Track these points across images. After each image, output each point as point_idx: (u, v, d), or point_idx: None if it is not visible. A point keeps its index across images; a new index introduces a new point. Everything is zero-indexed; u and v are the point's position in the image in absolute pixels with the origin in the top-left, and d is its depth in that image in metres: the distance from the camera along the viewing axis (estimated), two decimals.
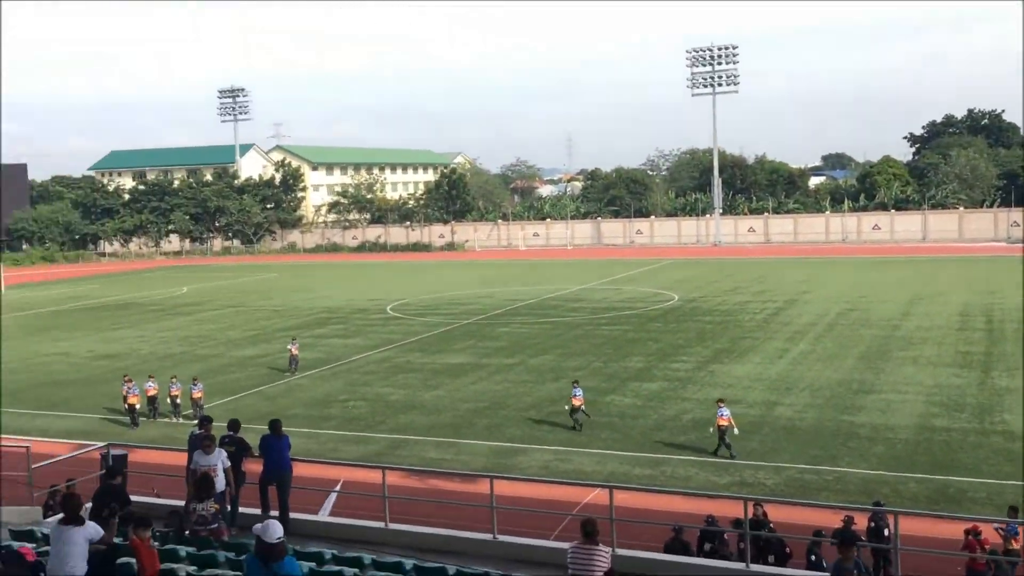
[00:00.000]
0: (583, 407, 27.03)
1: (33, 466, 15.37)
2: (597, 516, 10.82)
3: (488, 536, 13.51)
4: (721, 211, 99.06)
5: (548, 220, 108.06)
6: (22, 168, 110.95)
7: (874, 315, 44.80)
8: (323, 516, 16.22)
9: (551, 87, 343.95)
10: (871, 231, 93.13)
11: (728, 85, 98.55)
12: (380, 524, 14.26)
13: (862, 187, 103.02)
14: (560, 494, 20.35)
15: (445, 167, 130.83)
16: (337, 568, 11.10)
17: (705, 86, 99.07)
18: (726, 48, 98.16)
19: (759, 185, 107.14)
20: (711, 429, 24.51)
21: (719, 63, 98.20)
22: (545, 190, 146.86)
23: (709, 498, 19.30)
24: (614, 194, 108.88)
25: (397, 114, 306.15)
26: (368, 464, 21.55)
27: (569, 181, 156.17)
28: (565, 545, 12.19)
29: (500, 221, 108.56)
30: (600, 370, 34.65)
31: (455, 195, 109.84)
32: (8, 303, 65.15)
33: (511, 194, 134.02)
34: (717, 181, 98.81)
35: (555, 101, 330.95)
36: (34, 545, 10.88)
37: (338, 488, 18.20)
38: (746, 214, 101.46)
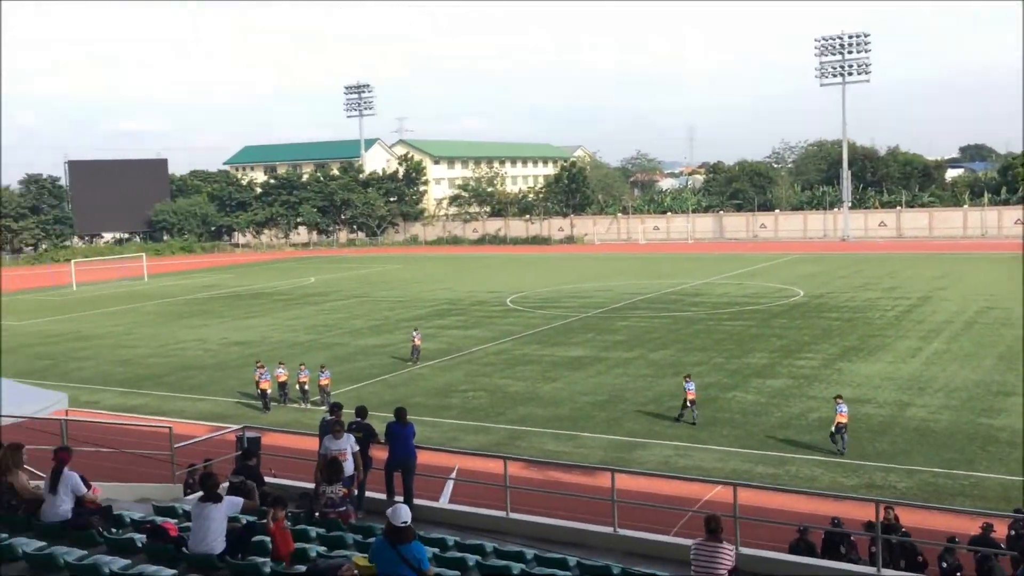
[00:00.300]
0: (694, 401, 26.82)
1: (175, 446, 16.17)
2: (720, 513, 10.66)
3: (609, 529, 13.49)
4: (850, 205, 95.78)
5: (668, 214, 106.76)
6: (163, 163, 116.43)
7: (1016, 314, 42.49)
8: (443, 503, 16.50)
9: (672, 79, 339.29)
10: (1013, 226, 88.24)
11: (859, 74, 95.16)
12: (501, 513, 14.42)
13: (1003, 180, 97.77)
14: (680, 490, 20.11)
15: (565, 161, 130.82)
16: (460, 555, 11.28)
17: (834, 75, 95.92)
18: (857, 36, 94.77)
19: (891, 178, 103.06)
20: (833, 428, 23.78)
21: (849, 51, 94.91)
22: (666, 183, 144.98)
23: (836, 499, 18.75)
24: (737, 187, 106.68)
25: (518, 108, 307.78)
26: (489, 454, 21.81)
27: (690, 174, 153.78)
28: (686, 541, 12.08)
29: (620, 215, 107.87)
30: (722, 366, 34.06)
31: (575, 189, 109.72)
32: (150, 291, 68.68)
33: (631, 188, 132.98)
34: (846, 174, 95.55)
35: (676, 93, 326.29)
36: (176, 521, 11.45)
37: (454, 476, 18.45)
38: (877, 208, 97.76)
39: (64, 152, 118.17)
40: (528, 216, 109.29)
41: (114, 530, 11.09)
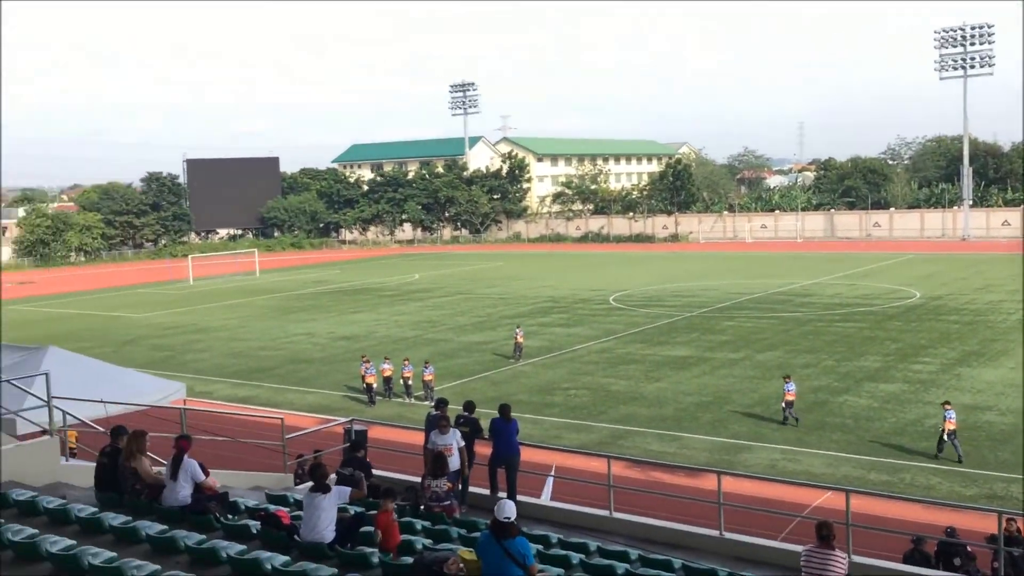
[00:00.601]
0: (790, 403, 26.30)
1: (286, 437, 16.63)
2: (831, 520, 10.35)
3: (714, 532, 13.26)
4: (971, 203, 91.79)
5: (777, 212, 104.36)
6: (274, 161, 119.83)
7: None
8: (544, 500, 16.50)
9: (781, 74, 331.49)
10: None
11: (981, 67, 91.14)
12: (604, 512, 14.34)
13: None
14: (788, 494, 19.64)
15: (670, 157, 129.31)
16: (563, 552, 11.26)
17: (955, 68, 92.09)
18: (979, 28, 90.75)
19: (1015, 175, 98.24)
20: (943, 434, 22.83)
21: (971, 44, 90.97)
22: (774, 181, 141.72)
23: (954, 509, 17.99)
24: (849, 185, 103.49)
25: (623, 105, 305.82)
26: (592, 452, 21.73)
27: (800, 171, 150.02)
28: (795, 547, 11.77)
29: (726, 212, 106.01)
30: (832, 369, 33.11)
31: (679, 186, 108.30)
32: (262, 286, 70.89)
33: (737, 185, 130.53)
34: (967, 170, 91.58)
35: (785, 89, 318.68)
36: (288, 509, 11.77)
37: (552, 473, 18.44)
38: (1000, 206, 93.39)
39: (183, 151, 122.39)
40: (632, 214, 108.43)
41: (230, 516, 11.47)
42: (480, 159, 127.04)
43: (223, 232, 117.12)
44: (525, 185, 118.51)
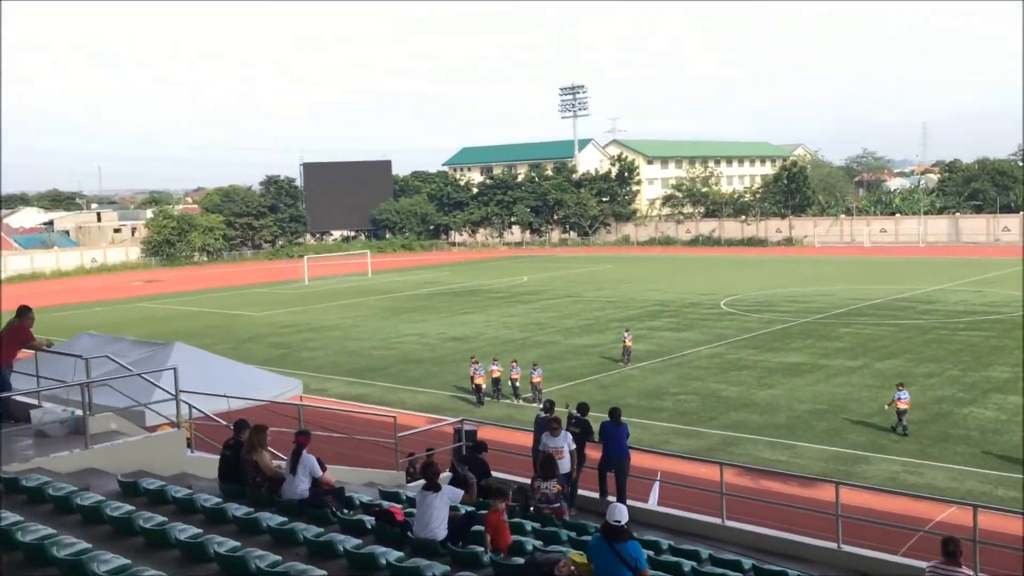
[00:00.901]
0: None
1: (399, 435, 16.93)
2: (957, 536, 9.92)
3: (832, 544, 12.88)
4: None
5: (897, 215, 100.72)
6: (387, 164, 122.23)
7: None
8: (651, 504, 16.34)
9: (903, 73, 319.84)
10: None
11: None
12: (716, 519, 14.11)
13: None
14: (909, 508, 18.90)
15: (784, 159, 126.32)
16: (675, 559, 11.12)
17: None
18: None
19: None
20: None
21: None
22: (895, 183, 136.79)
23: None
24: (976, 187, 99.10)
25: (735, 106, 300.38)
26: (704, 459, 21.38)
27: (923, 173, 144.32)
28: (919, 563, 11.33)
29: (843, 216, 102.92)
30: (957, 379, 31.73)
31: (794, 188, 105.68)
32: (374, 286, 72.40)
33: (855, 188, 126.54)
34: None
35: (907, 88, 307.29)
36: (401, 506, 11.97)
37: (658, 478, 18.23)
38: None
39: (300, 155, 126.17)
40: (744, 217, 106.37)
41: (346, 511, 11.74)
42: (589, 162, 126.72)
43: (337, 234, 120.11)
44: (634, 188, 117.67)
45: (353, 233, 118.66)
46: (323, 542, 9.55)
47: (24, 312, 14.47)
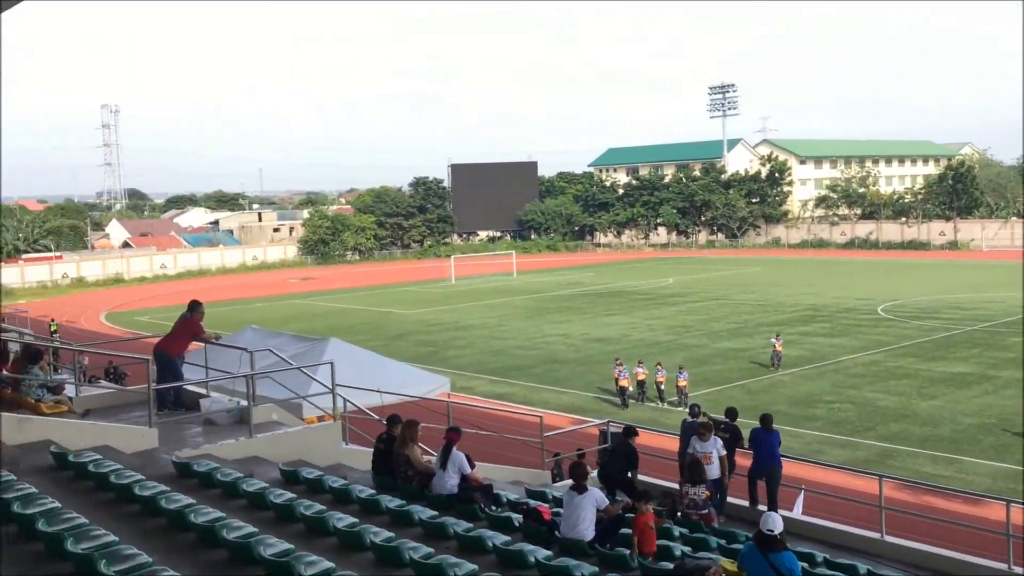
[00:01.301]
0: None
1: (545, 435, 17.01)
2: None
3: (1001, 565, 12.14)
4: None
5: None
6: (533, 165, 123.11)
7: None
8: (796, 514, 15.81)
9: None
10: None
11: None
12: (874, 534, 13.53)
13: None
14: None
15: (949, 159, 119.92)
16: (830, 572, 10.73)
17: None
18: None
19: None
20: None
21: None
22: None
23: None
24: None
25: (893, 103, 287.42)
26: (860, 470, 20.53)
27: None
28: None
29: (1014, 218, 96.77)
30: None
31: (961, 189, 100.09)
32: (519, 287, 73.06)
33: None
34: None
35: None
36: (548, 505, 12.02)
37: (803, 488, 17.60)
38: None
39: (448, 156, 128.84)
40: (904, 219, 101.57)
41: (494, 508, 11.88)
42: (739, 162, 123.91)
43: (483, 234, 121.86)
44: (786, 188, 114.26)
45: (499, 233, 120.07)
46: (473, 537, 9.70)
47: (195, 306, 15.34)
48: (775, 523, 8.58)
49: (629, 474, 13.78)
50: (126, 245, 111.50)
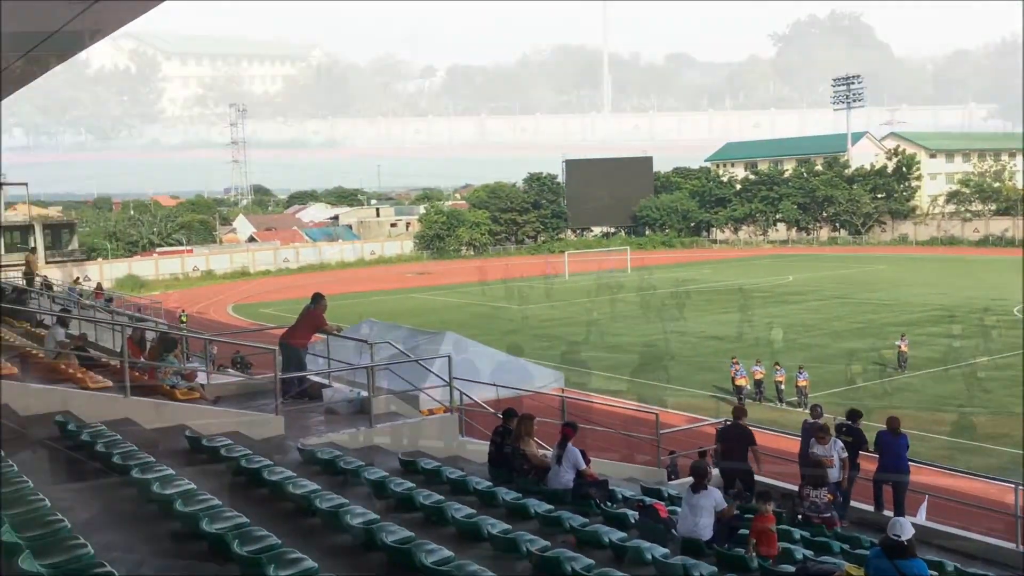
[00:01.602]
0: None
1: (660, 432, 16.86)
2: None
3: None
4: None
5: None
6: (647, 160, 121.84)
7: None
8: (920, 520, 15.19)
9: None
10: None
11: None
12: (1008, 544, 12.91)
13: None
14: None
15: None
16: None
17: None
18: None
19: None
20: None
21: None
22: None
23: None
24: None
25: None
26: (996, 478, 19.59)
27: None
28: None
29: None
30: None
31: None
32: (633, 283, 72.48)
33: None
34: None
35: None
36: (665, 503, 11.92)
37: (928, 494, 16.90)
38: None
39: (562, 151, 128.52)
40: None
41: (609, 503, 11.85)
42: (864, 156, 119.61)
43: (597, 230, 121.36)
44: (914, 183, 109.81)
45: (613, 229, 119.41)
46: (589, 531, 9.70)
47: (318, 299, 15.81)
48: (904, 529, 8.28)
49: (750, 453, 13.64)
50: (251, 239, 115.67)
